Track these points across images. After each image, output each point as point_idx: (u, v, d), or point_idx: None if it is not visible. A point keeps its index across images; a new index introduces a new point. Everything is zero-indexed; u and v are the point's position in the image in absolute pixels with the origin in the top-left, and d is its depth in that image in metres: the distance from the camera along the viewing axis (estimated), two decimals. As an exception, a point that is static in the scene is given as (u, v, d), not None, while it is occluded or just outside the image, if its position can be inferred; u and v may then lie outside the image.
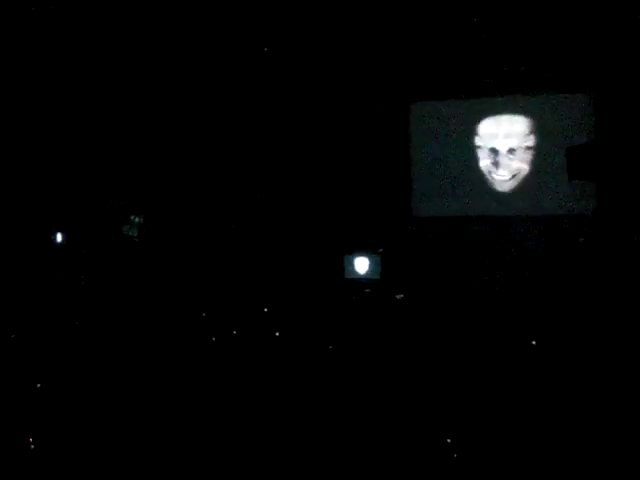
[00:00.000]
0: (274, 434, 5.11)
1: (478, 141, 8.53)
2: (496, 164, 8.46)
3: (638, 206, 7.65)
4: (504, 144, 8.42)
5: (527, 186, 8.34)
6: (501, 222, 8.30)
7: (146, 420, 5.41)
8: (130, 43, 8.85)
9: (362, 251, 8.37)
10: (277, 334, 7.39)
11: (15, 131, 9.30)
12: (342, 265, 8.37)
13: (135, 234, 9.24)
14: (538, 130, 8.30)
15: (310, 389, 5.93)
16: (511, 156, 8.43)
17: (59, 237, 9.44)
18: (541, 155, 8.27)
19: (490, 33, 8.05)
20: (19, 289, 8.62)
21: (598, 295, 7.40)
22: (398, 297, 8.01)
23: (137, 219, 9.26)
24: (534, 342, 6.59)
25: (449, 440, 4.87)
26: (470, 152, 8.52)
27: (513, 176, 8.42)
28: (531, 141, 8.36)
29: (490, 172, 8.48)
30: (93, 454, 4.95)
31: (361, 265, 8.32)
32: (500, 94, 8.36)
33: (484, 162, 8.49)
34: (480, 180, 8.47)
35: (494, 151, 8.47)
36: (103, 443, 5.07)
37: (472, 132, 8.54)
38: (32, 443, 5.04)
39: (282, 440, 5.00)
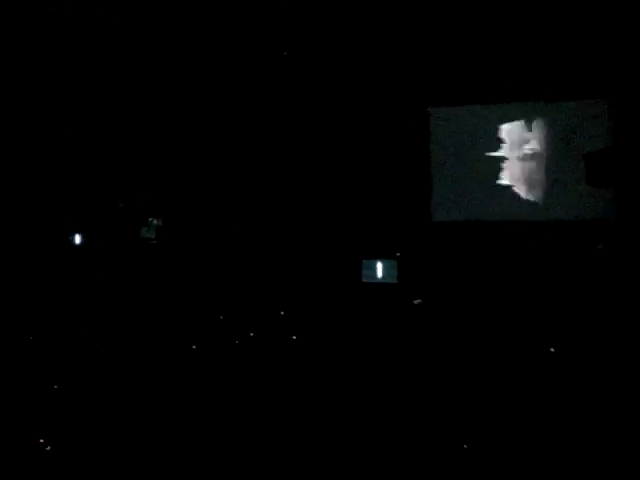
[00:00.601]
0: (290, 436, 5.12)
1: (500, 146, 8.51)
2: (516, 170, 8.44)
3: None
4: (523, 149, 8.40)
5: (546, 192, 8.31)
6: (521, 228, 8.27)
7: (164, 422, 5.43)
8: (145, 45, 8.89)
9: (380, 255, 8.36)
10: (294, 337, 7.41)
11: (32, 133, 9.36)
12: (360, 269, 8.36)
13: (153, 236, 9.26)
14: (556, 136, 8.27)
15: (327, 392, 5.94)
16: (530, 161, 8.40)
17: (77, 238, 9.47)
18: (559, 161, 8.24)
19: (509, 39, 8.04)
20: (37, 291, 8.67)
21: (617, 302, 7.36)
22: (416, 302, 8.00)
23: (155, 221, 9.28)
24: (552, 349, 6.57)
25: (466, 446, 4.87)
26: (489, 157, 8.50)
27: (532, 181, 8.39)
28: (550, 146, 8.33)
29: (510, 177, 8.46)
30: (111, 453, 4.97)
31: (379, 269, 8.31)
32: (518, 100, 8.34)
33: (505, 168, 8.48)
34: (500, 185, 8.45)
35: (514, 156, 8.45)
36: (123, 441, 5.10)
37: (493, 137, 8.52)
38: (45, 443, 5.07)
39: (299, 442, 5.01)
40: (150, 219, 9.27)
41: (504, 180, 8.45)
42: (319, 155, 8.71)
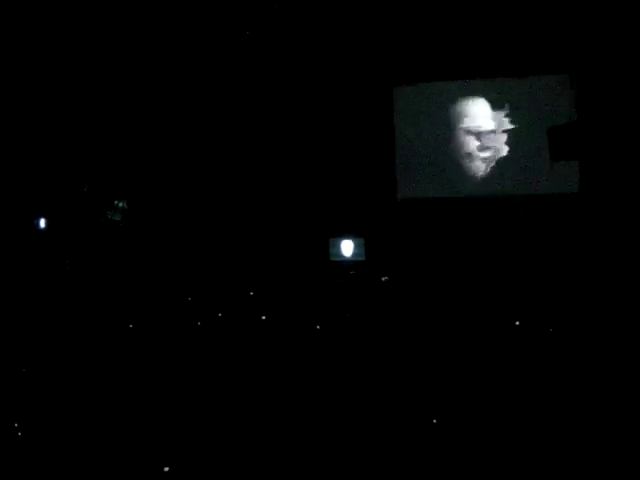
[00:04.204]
0: (261, 415, 5.15)
1: (464, 122, 8.55)
2: (480, 146, 8.49)
3: (621, 185, 7.72)
4: (487, 125, 8.45)
5: (511, 167, 8.38)
6: (485, 203, 8.34)
7: (131, 404, 5.43)
8: (114, 33, 8.78)
9: (347, 234, 8.39)
10: (263, 317, 7.41)
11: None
12: (327, 248, 8.38)
13: (119, 219, 9.20)
14: (520, 111, 8.33)
15: (297, 371, 5.97)
16: (493, 136, 8.46)
17: (42, 223, 9.38)
18: (524, 136, 8.31)
19: (471, 15, 8.04)
20: (2, 276, 8.57)
21: (582, 273, 7.47)
22: (383, 279, 8.05)
23: (121, 204, 9.22)
24: (517, 323, 6.66)
25: (435, 421, 4.93)
26: (453, 134, 8.53)
27: (496, 157, 8.45)
28: (513, 122, 8.38)
29: (474, 153, 8.51)
30: (71, 438, 4.96)
31: (346, 247, 8.34)
32: (482, 76, 8.37)
33: (469, 144, 8.52)
34: (464, 162, 8.51)
35: (477, 133, 8.49)
36: (85, 427, 5.08)
37: (457, 114, 8.55)
38: (17, 430, 5.04)
39: (270, 421, 5.03)
40: (116, 202, 9.21)
41: (469, 157, 8.51)
42: (283, 136, 8.68)
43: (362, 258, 8.28)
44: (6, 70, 9.03)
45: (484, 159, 8.45)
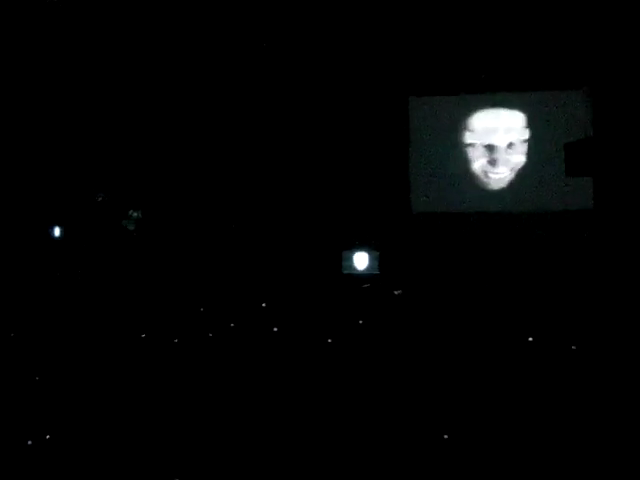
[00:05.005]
0: (272, 429, 5.13)
1: (479, 137, 8.53)
2: (494, 161, 8.47)
3: (636, 201, 7.68)
4: (502, 140, 8.43)
5: (526, 183, 8.36)
6: (500, 218, 8.32)
7: (143, 415, 5.43)
8: (125, 37, 8.83)
9: (360, 246, 8.38)
10: (275, 329, 7.40)
11: (12, 125, 9.28)
12: (340, 260, 8.37)
13: (133, 228, 9.23)
14: (535, 126, 8.31)
15: (308, 384, 5.95)
16: (510, 151, 8.44)
17: (57, 231, 9.42)
18: (539, 151, 8.29)
19: (488, 29, 8.05)
20: (17, 284, 8.61)
21: (597, 290, 7.42)
22: (396, 292, 8.03)
23: (135, 214, 9.25)
24: (531, 339, 6.62)
25: (446, 436, 4.90)
26: (468, 148, 8.52)
27: (511, 172, 8.43)
28: (529, 137, 8.36)
29: (486, 170, 8.49)
30: (88, 446, 4.96)
31: (359, 260, 8.33)
32: (498, 90, 8.37)
33: (484, 159, 8.50)
34: (479, 176, 8.50)
35: (493, 147, 8.47)
36: (98, 436, 5.09)
37: (472, 128, 8.54)
38: (31, 440, 5.05)
39: (280, 435, 5.02)
40: (130, 211, 9.25)
41: (483, 171, 8.48)
42: (298, 147, 8.69)
43: (375, 271, 8.26)
44: (23, 81, 9.11)
45: (499, 174, 8.43)
